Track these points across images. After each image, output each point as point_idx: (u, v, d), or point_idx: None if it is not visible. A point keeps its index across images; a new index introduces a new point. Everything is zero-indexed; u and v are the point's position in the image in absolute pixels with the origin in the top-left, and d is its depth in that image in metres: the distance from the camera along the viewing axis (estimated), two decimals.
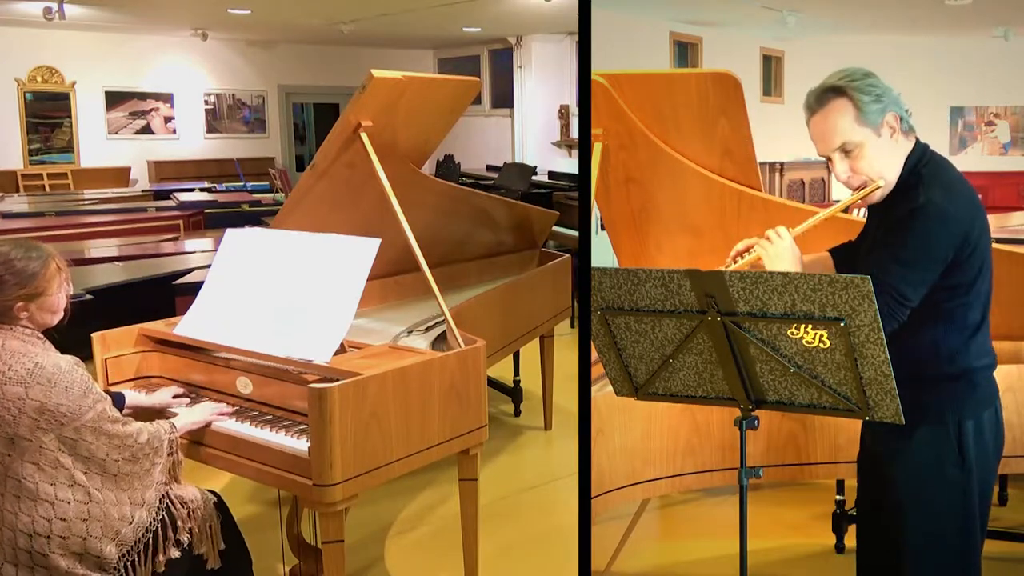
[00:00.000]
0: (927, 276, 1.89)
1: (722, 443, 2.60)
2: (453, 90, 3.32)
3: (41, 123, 12.15)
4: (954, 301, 1.94)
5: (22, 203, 8.65)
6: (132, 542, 2.19)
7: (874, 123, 1.94)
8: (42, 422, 2.08)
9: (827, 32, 9.78)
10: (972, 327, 1.98)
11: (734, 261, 2.16)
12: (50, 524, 2.09)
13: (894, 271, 1.87)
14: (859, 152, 1.95)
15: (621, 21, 8.43)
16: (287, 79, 14.09)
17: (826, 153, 2.00)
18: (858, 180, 1.98)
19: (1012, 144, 10.44)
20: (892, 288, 1.86)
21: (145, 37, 12.52)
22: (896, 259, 1.88)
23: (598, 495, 2.49)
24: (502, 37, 13.01)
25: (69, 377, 2.12)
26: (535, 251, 4.72)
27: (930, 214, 1.88)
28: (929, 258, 1.88)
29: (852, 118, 1.94)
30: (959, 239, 1.90)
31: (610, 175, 2.96)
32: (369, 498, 3.09)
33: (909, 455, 1.99)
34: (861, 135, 1.94)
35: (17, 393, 2.08)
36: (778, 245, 2.05)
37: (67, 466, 2.11)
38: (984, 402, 2.01)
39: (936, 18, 9.04)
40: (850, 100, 1.93)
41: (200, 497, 2.40)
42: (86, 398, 2.13)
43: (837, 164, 1.99)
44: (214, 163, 13.09)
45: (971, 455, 1.97)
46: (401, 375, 2.49)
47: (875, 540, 2.14)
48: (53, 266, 2.24)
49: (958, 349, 1.97)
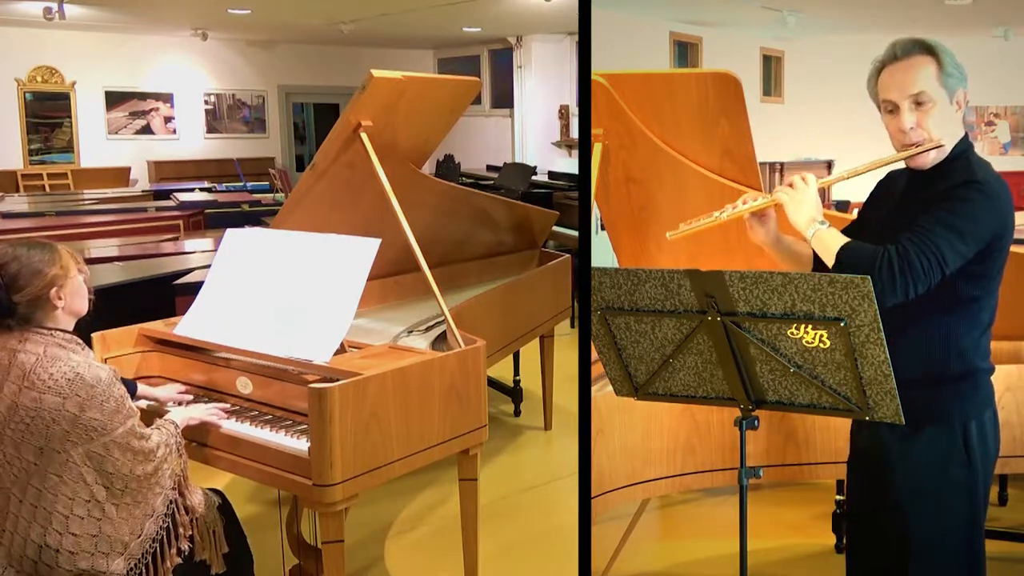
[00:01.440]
0: (967, 249, 1.87)
1: (722, 443, 2.60)
2: (453, 90, 3.32)
3: (41, 123, 12.14)
4: (973, 292, 1.94)
5: (22, 203, 8.64)
6: (139, 555, 2.17)
7: (951, 89, 1.95)
8: (73, 435, 2.05)
9: (827, 32, 9.78)
10: (983, 326, 1.99)
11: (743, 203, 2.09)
12: (61, 538, 2.07)
13: (941, 232, 1.85)
14: (931, 108, 1.94)
15: (621, 21, 8.43)
16: (287, 79, 14.09)
17: (897, 99, 1.95)
18: (918, 136, 1.95)
19: (1012, 144, 10.43)
20: (936, 247, 1.84)
21: (145, 37, 12.51)
22: (945, 223, 1.86)
23: (598, 495, 2.49)
24: (502, 37, 13.01)
25: (107, 391, 2.09)
26: (535, 251, 4.72)
27: (984, 191, 1.89)
28: (975, 231, 1.87)
29: (934, 75, 1.94)
30: (999, 226, 1.91)
31: (610, 175, 2.96)
32: (369, 498, 3.09)
33: (914, 456, 1.99)
34: (938, 94, 1.94)
35: (55, 403, 2.05)
36: (803, 192, 2.00)
37: (89, 482, 2.08)
38: (986, 403, 2.01)
39: (936, 18, 9.04)
40: (936, 60, 1.94)
41: (204, 502, 2.37)
42: (119, 413, 2.10)
43: (905, 114, 1.95)
44: (214, 163, 13.08)
45: (976, 455, 1.97)
46: (401, 375, 2.49)
47: (871, 542, 2.13)
48: (62, 251, 2.23)
49: (968, 347, 1.97)
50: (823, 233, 1.95)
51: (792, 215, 2.00)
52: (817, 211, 1.98)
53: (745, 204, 2.09)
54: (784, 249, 2.15)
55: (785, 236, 2.15)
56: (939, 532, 1.99)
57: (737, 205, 2.10)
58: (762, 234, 2.13)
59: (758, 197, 2.09)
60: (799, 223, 1.98)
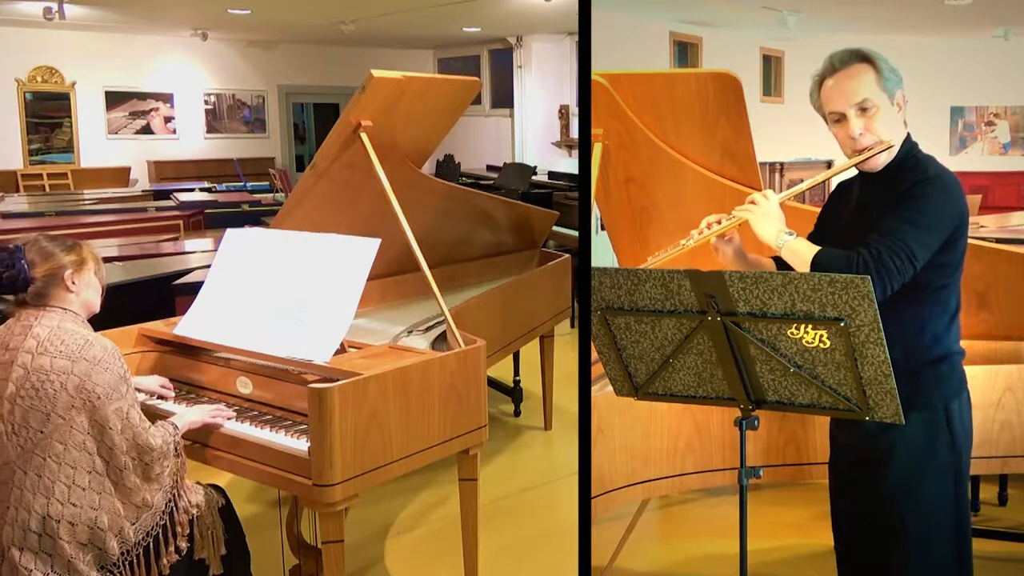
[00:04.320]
0: (933, 242, 1.95)
1: (722, 443, 2.60)
2: (453, 90, 3.32)
3: (41, 123, 12.15)
4: (941, 281, 2.00)
5: (22, 203, 8.64)
6: (134, 542, 2.21)
7: (891, 92, 2.03)
8: (77, 401, 2.14)
9: (827, 32, 9.77)
10: (952, 311, 2.05)
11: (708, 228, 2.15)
12: (63, 508, 2.13)
13: (907, 230, 1.93)
14: (876, 112, 2.02)
15: (621, 21, 8.43)
16: (287, 79, 14.09)
17: (843, 108, 2.03)
18: (868, 140, 2.03)
19: (1012, 144, 10.43)
20: (906, 246, 1.91)
21: (145, 37, 12.51)
22: (909, 221, 1.94)
23: (598, 495, 2.49)
24: (502, 37, 13.01)
25: (113, 360, 2.21)
26: (535, 251, 4.72)
27: (939, 186, 1.98)
28: (938, 224, 1.95)
29: (873, 81, 2.02)
30: (959, 216, 1.99)
31: (610, 175, 2.96)
32: (369, 498, 3.09)
33: (904, 443, 2.01)
34: (880, 99, 2.02)
35: (63, 367, 2.16)
36: (765, 207, 2.09)
37: (91, 451, 2.16)
38: (961, 385, 2.08)
39: (936, 18, 9.04)
40: (873, 67, 2.02)
41: (205, 502, 2.40)
42: (121, 385, 2.21)
43: (852, 121, 2.02)
44: (214, 163, 13.07)
45: (959, 436, 2.03)
46: (401, 375, 2.49)
47: (861, 539, 2.13)
48: (85, 247, 2.38)
49: (941, 332, 2.03)
50: (793, 243, 2.03)
51: (759, 230, 2.07)
52: (782, 222, 2.07)
53: (710, 229, 2.15)
54: (750, 266, 2.21)
55: (750, 255, 2.23)
56: (930, 519, 2.02)
57: (703, 230, 2.17)
58: (729, 253, 2.21)
59: (722, 220, 2.15)
60: (767, 236, 2.06)
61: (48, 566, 2.12)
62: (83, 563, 2.14)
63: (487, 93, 14.05)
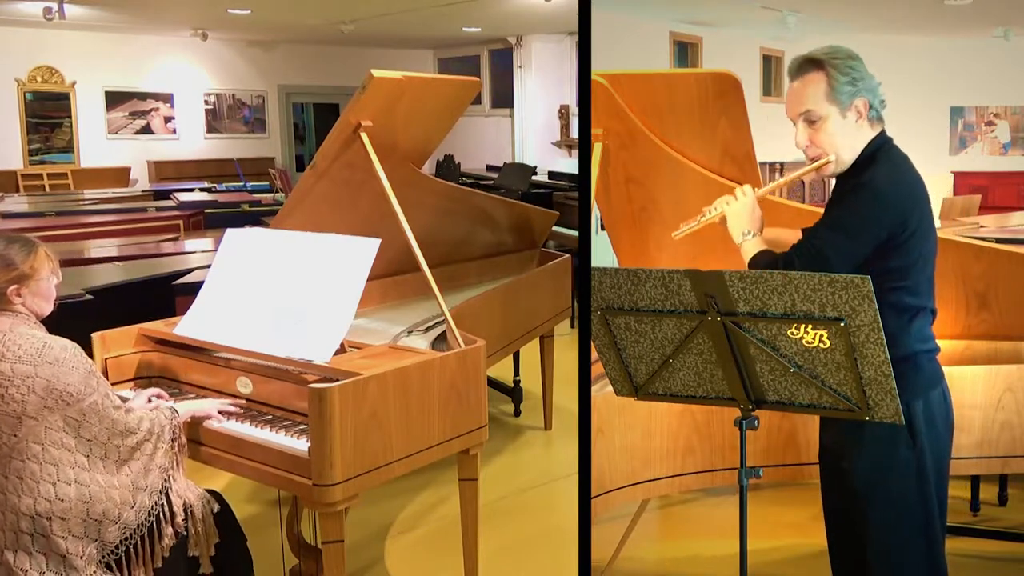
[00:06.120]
0: (854, 247, 1.96)
1: (722, 443, 2.60)
2: (453, 90, 3.32)
3: (41, 123, 12.14)
4: (892, 283, 1.99)
5: (22, 203, 8.63)
6: (135, 525, 2.22)
7: (843, 103, 2.02)
8: (49, 401, 2.13)
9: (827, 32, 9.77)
10: (910, 313, 2.03)
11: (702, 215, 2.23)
12: (51, 505, 2.12)
13: (821, 232, 2.00)
14: (821, 125, 2.03)
15: (621, 21, 8.43)
16: (287, 79, 14.09)
17: (791, 118, 2.07)
18: (814, 152, 2.06)
19: (1012, 144, 10.42)
20: (818, 251, 1.96)
21: (145, 37, 12.51)
22: (827, 223, 2.01)
23: (598, 495, 2.49)
24: (502, 37, 13.01)
25: (76, 359, 2.19)
26: (535, 251, 4.72)
27: (868, 190, 1.98)
28: (859, 230, 1.96)
29: (823, 92, 2.02)
30: (896, 221, 1.97)
31: (610, 175, 2.96)
32: (369, 498, 3.08)
33: (864, 441, 2.02)
34: (826, 110, 2.02)
35: (27, 372, 2.13)
36: (741, 202, 2.15)
37: (71, 448, 2.15)
38: (931, 383, 2.06)
39: (936, 18, 9.03)
40: (825, 75, 2.01)
41: (201, 500, 2.40)
42: (91, 380, 2.20)
43: (799, 132, 2.07)
44: (214, 163, 13.07)
45: (922, 435, 2.01)
46: (401, 375, 2.49)
47: (842, 535, 2.14)
48: (42, 252, 2.33)
49: (895, 333, 1.97)
50: (747, 243, 2.12)
51: (729, 225, 2.16)
52: (749, 222, 2.13)
53: (698, 221, 2.24)
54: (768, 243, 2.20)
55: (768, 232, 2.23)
56: (892, 517, 2.02)
57: (690, 223, 2.25)
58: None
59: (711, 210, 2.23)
60: (733, 233, 2.14)
61: (43, 564, 2.12)
62: (80, 557, 2.13)
63: (487, 93, 14.05)
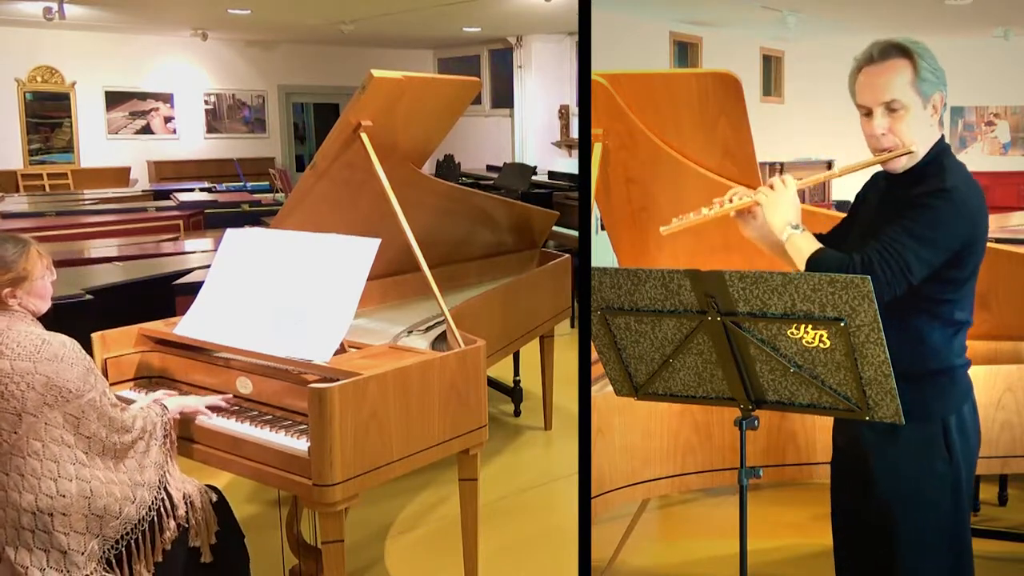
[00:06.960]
0: (934, 257, 1.88)
1: (722, 443, 2.60)
2: (453, 90, 3.32)
3: (41, 123, 12.14)
4: (945, 295, 1.95)
5: (22, 203, 8.63)
6: (136, 520, 2.23)
7: (925, 94, 1.94)
8: (48, 397, 2.14)
9: (827, 32, 9.77)
10: (956, 327, 1.99)
11: (729, 201, 2.12)
12: (52, 501, 2.13)
13: (906, 242, 1.87)
14: (903, 114, 1.94)
15: (621, 21, 8.42)
16: (287, 79, 14.09)
17: (870, 104, 1.96)
18: (889, 141, 1.96)
19: (1012, 144, 10.42)
20: (900, 258, 1.86)
21: (145, 37, 12.51)
22: (910, 233, 1.87)
23: (598, 495, 2.49)
24: (502, 37, 13.01)
25: (75, 355, 2.21)
26: (535, 251, 4.72)
27: (954, 199, 1.89)
28: (942, 240, 1.88)
29: (909, 80, 1.93)
30: (969, 233, 1.91)
31: (610, 175, 2.96)
32: (369, 498, 3.09)
33: (897, 453, 1.99)
34: (911, 99, 1.94)
35: (26, 368, 2.15)
36: (780, 194, 2.02)
37: (70, 444, 2.17)
38: (964, 397, 2.02)
39: (936, 18, 9.03)
40: (912, 64, 1.93)
41: (199, 492, 2.42)
42: (90, 376, 2.22)
43: (877, 119, 1.96)
44: (214, 163, 13.08)
45: (957, 449, 1.98)
46: (401, 375, 2.49)
47: (858, 542, 2.13)
48: (34, 251, 2.33)
49: (942, 346, 1.97)
50: (796, 238, 1.98)
51: (769, 217, 2.03)
52: (794, 215, 2.01)
53: (731, 202, 2.11)
54: (775, 243, 2.14)
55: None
56: (925, 527, 1.99)
57: (723, 203, 2.12)
58: (752, 230, 2.15)
59: (744, 196, 2.11)
60: (775, 226, 2.02)
61: (44, 561, 2.12)
62: (82, 553, 2.14)
63: (487, 93, 14.05)
